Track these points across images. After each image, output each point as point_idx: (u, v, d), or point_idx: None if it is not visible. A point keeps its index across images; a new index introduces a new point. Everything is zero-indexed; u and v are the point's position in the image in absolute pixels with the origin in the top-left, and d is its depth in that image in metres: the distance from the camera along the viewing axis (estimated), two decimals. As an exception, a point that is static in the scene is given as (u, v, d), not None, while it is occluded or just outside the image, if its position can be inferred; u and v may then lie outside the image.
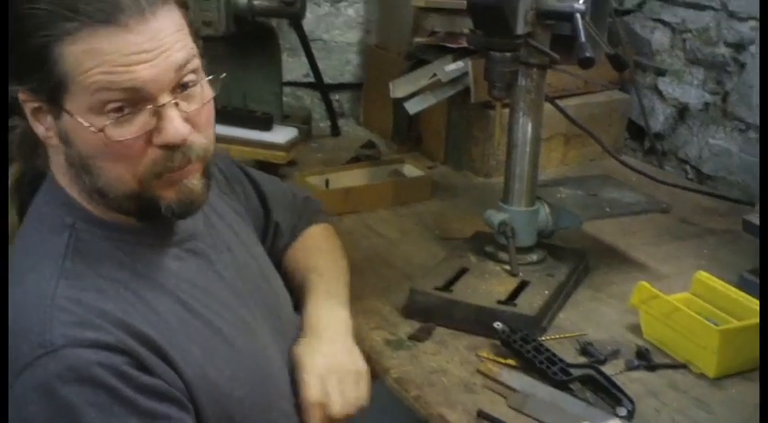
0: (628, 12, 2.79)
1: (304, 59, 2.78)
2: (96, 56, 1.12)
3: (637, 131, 2.79)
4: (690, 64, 2.60)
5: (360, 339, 1.63)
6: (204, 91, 1.25)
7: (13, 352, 1.15)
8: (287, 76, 2.92)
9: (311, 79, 2.89)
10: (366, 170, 2.43)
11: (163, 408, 1.18)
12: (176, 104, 1.19)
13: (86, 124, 1.15)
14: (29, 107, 1.20)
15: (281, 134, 2.45)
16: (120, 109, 1.15)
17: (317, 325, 1.50)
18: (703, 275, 1.70)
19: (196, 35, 1.27)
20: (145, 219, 1.27)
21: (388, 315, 1.75)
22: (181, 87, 1.20)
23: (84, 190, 1.24)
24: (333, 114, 2.90)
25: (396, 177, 2.43)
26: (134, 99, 1.15)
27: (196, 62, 1.23)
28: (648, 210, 2.00)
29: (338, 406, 1.40)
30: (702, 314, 1.59)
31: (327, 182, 2.33)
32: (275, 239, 1.67)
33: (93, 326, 1.15)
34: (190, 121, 1.21)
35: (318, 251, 1.68)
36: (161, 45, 1.16)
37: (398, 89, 2.42)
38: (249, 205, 1.62)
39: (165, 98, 1.17)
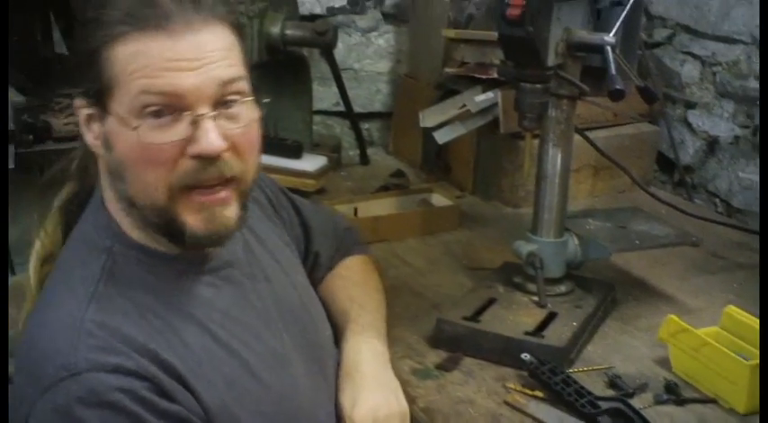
0: (658, 44, 2.79)
1: (334, 88, 2.79)
2: (141, 58, 1.16)
3: (666, 164, 2.79)
4: (720, 97, 2.60)
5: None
6: (249, 115, 1.24)
7: (39, 372, 1.16)
8: (317, 105, 2.94)
9: (341, 108, 2.91)
10: (395, 199, 2.44)
11: None
12: (215, 119, 1.19)
13: (127, 125, 1.17)
14: (83, 114, 1.24)
15: (311, 162, 2.47)
16: (158, 113, 1.17)
17: (356, 360, 1.49)
18: (733, 310, 1.69)
19: (249, 65, 1.27)
20: (173, 240, 1.25)
21: (415, 344, 1.75)
22: (223, 104, 1.21)
23: (120, 201, 1.25)
24: (362, 143, 2.91)
25: (424, 207, 2.43)
26: (173, 105, 1.17)
27: (243, 85, 1.23)
28: (678, 243, 1.99)
29: None
30: (732, 349, 1.58)
31: (356, 210, 2.34)
32: (314, 269, 1.66)
33: (117, 351, 1.16)
34: (229, 140, 1.21)
35: (357, 283, 1.67)
36: (205, 57, 1.18)
37: (428, 119, 2.43)
38: (293, 233, 1.61)
39: (204, 109, 1.18)
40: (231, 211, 1.25)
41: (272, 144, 2.46)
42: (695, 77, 2.68)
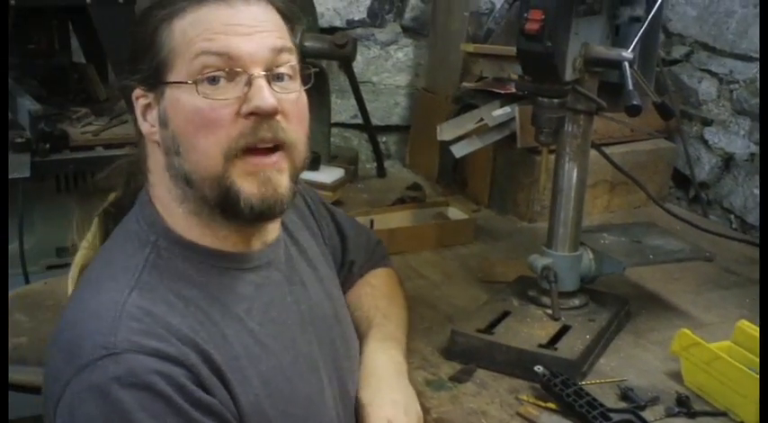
0: (675, 62, 2.80)
1: (353, 101, 2.81)
2: (199, 25, 1.23)
3: (682, 180, 2.79)
4: (736, 114, 2.60)
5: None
6: (298, 88, 1.30)
7: (77, 351, 1.17)
8: (335, 118, 2.96)
9: (359, 121, 2.93)
10: (411, 212, 2.46)
11: None
12: (267, 80, 1.24)
13: (186, 82, 1.23)
14: (141, 104, 1.29)
15: (328, 174, 2.49)
16: (214, 79, 1.23)
17: (374, 365, 1.51)
18: (745, 324, 1.70)
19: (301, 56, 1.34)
20: (228, 213, 1.27)
21: (429, 356, 1.76)
22: (275, 77, 1.26)
23: (175, 182, 1.28)
24: (379, 156, 2.93)
25: (440, 220, 2.45)
26: (229, 68, 1.23)
27: (293, 59, 1.29)
28: (692, 258, 1.99)
29: None
30: (744, 363, 1.58)
31: (372, 222, 2.35)
32: (347, 277, 1.69)
33: (158, 336, 1.18)
34: (281, 105, 1.25)
35: (384, 294, 1.70)
36: (258, 25, 1.25)
37: (445, 132, 2.45)
38: (331, 242, 1.65)
39: (257, 70, 1.23)
40: (283, 179, 1.28)
41: (289, 155, 2.48)
42: (712, 95, 2.69)
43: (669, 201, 2.74)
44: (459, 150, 2.40)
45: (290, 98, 1.27)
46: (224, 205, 1.26)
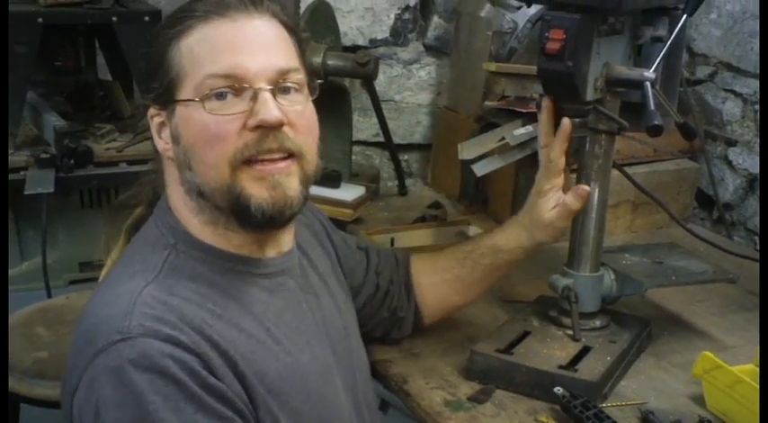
0: (699, 82, 2.79)
1: (375, 119, 2.82)
2: (205, 43, 1.27)
3: (706, 201, 2.77)
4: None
5: (419, 398, 1.65)
6: (306, 101, 1.34)
7: (94, 336, 1.20)
8: (357, 135, 2.96)
9: (381, 139, 2.93)
10: (432, 230, 2.45)
11: (227, 411, 1.21)
12: (273, 94, 1.28)
13: (193, 100, 1.27)
14: (155, 123, 1.34)
15: (349, 192, 2.48)
16: (221, 95, 1.26)
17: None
18: (769, 348, 1.68)
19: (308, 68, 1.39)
20: (241, 220, 1.31)
21: (448, 375, 1.75)
22: (281, 90, 1.30)
23: (189, 194, 1.32)
24: (401, 174, 2.93)
25: (461, 238, 2.44)
26: (235, 84, 1.26)
27: (299, 77, 1.32)
28: (715, 279, 1.97)
29: None
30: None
31: (393, 241, 2.35)
32: (385, 269, 1.78)
33: (171, 324, 1.21)
34: (287, 116, 1.29)
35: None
36: (264, 42, 1.30)
37: (466, 151, 2.44)
38: (354, 258, 1.73)
39: (262, 84, 1.27)
40: (293, 182, 1.31)
41: (310, 173, 2.48)
42: (736, 115, 2.67)
43: (693, 221, 2.72)
44: (480, 169, 2.39)
45: (296, 110, 1.31)
46: (236, 212, 1.30)
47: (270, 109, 1.26)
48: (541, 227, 1.74)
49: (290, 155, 1.30)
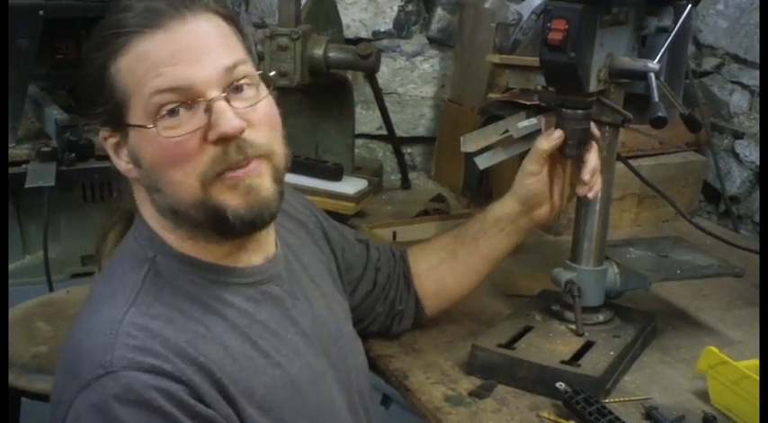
0: (706, 73, 2.76)
1: (378, 112, 2.80)
2: (145, 60, 1.20)
3: (712, 194, 2.75)
4: (768, 127, 2.56)
5: (420, 394, 1.63)
6: (260, 93, 1.28)
7: (77, 371, 1.18)
8: (361, 129, 2.94)
9: (384, 132, 2.91)
10: (434, 224, 2.43)
11: None
12: (227, 100, 1.22)
13: (145, 126, 1.20)
14: (110, 144, 1.28)
15: (351, 185, 2.47)
16: (173, 112, 1.20)
17: None
18: (775, 343, 1.66)
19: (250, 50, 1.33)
20: (221, 231, 1.28)
21: (449, 370, 1.73)
22: (234, 90, 1.24)
23: (162, 214, 1.28)
24: (404, 167, 2.91)
25: (464, 232, 2.42)
26: (185, 98, 1.20)
27: (247, 68, 1.27)
28: (721, 273, 1.95)
29: None
30: (773, 382, 1.55)
31: (395, 234, 2.33)
32: (386, 262, 1.77)
33: (154, 353, 1.18)
34: (245, 119, 1.23)
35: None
36: (204, 44, 1.22)
37: (469, 144, 2.41)
38: (354, 252, 1.71)
39: (214, 93, 1.21)
40: (264, 181, 1.27)
41: (312, 166, 2.47)
42: (744, 107, 2.65)
43: (699, 215, 2.70)
44: (483, 162, 2.37)
45: (254, 109, 1.26)
46: (215, 223, 1.26)
47: (228, 119, 1.21)
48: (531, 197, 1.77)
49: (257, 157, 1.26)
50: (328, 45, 2.41)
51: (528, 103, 2.41)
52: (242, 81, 1.25)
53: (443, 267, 1.80)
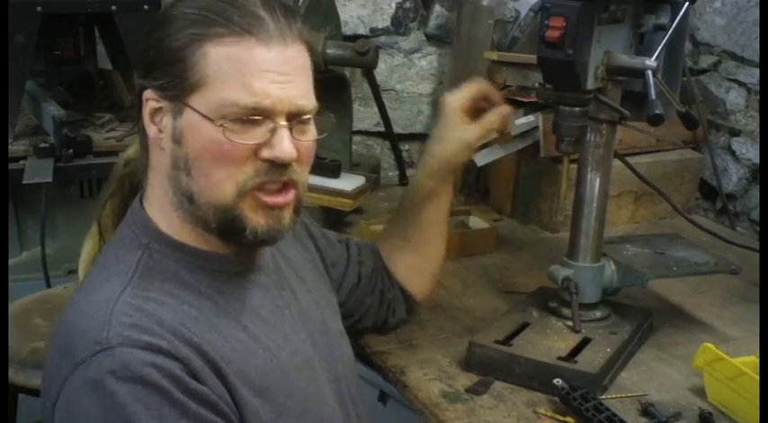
0: (703, 71, 2.77)
1: (376, 109, 2.80)
2: (237, 64, 1.23)
3: (709, 191, 2.75)
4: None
5: (417, 390, 1.64)
6: (315, 132, 1.33)
7: (72, 349, 1.19)
8: (359, 125, 2.94)
9: (382, 129, 2.91)
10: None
11: (210, 415, 1.20)
12: (290, 129, 1.26)
13: (212, 121, 1.23)
14: (149, 107, 1.30)
15: (349, 182, 2.46)
16: (240, 119, 1.24)
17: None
18: (771, 339, 1.66)
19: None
20: (224, 237, 1.31)
21: (446, 367, 1.74)
22: (298, 121, 1.28)
23: (174, 191, 1.30)
24: (401, 164, 2.91)
25: (461, 229, 2.42)
26: (256, 113, 1.24)
27: (314, 106, 1.32)
28: (717, 271, 1.95)
29: None
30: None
31: (393, 231, 2.32)
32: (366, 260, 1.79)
33: (150, 331, 1.20)
34: (298, 151, 1.28)
35: None
36: (292, 72, 1.26)
37: (467, 141, 2.42)
38: (334, 252, 1.73)
39: (282, 120, 1.25)
40: (288, 213, 1.32)
41: (310, 163, 2.47)
42: (740, 105, 2.65)
43: (695, 212, 2.71)
44: (481, 159, 2.37)
45: (308, 145, 1.31)
46: (225, 230, 1.30)
47: (286, 147, 1.25)
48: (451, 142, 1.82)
49: (292, 185, 1.31)
50: (326, 42, 2.40)
51: (526, 100, 2.41)
52: (306, 115, 1.30)
53: (405, 250, 1.82)
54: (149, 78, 1.29)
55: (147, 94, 1.30)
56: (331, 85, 2.59)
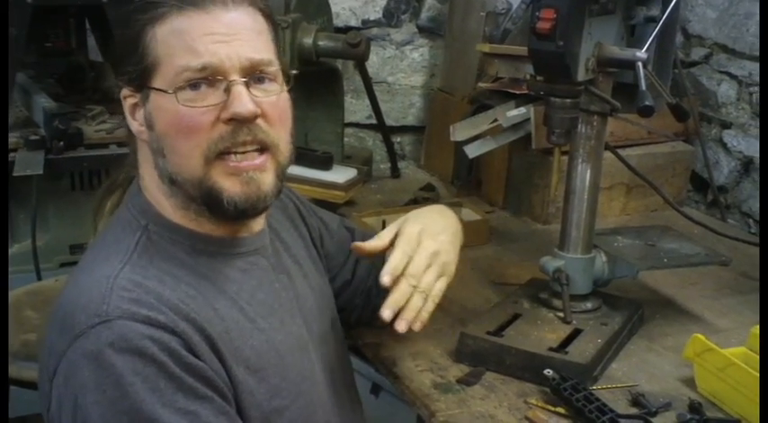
0: (695, 64, 2.77)
1: (367, 101, 2.80)
2: (181, 35, 1.26)
3: (700, 184, 2.76)
4: (756, 117, 2.57)
5: (408, 381, 1.64)
6: (279, 90, 1.33)
7: (71, 322, 1.20)
8: (351, 118, 2.94)
9: (374, 121, 2.91)
10: (424, 212, 2.43)
11: (206, 390, 1.22)
12: (246, 86, 1.27)
13: (169, 93, 1.26)
14: (128, 103, 1.33)
15: (341, 174, 2.47)
16: (195, 85, 1.26)
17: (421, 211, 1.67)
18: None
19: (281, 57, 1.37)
20: (213, 211, 1.32)
21: (438, 358, 1.74)
22: (255, 79, 1.29)
23: (162, 179, 1.32)
24: (393, 156, 2.92)
25: (454, 221, 2.42)
26: (209, 77, 1.26)
27: (273, 69, 1.32)
28: (707, 262, 1.96)
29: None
30: (758, 370, 1.55)
31: (384, 223, 2.33)
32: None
33: (149, 305, 1.21)
34: (260, 108, 1.29)
35: None
36: (237, 33, 1.28)
37: (459, 133, 2.43)
38: (337, 237, 1.72)
39: (235, 76, 1.27)
40: (266, 177, 1.32)
41: (301, 154, 2.47)
42: (732, 97, 2.66)
43: (687, 204, 2.71)
44: (472, 151, 2.38)
45: (270, 100, 1.31)
46: (208, 203, 1.31)
47: (244, 102, 1.26)
48: None
49: (264, 147, 1.31)
50: (318, 34, 2.40)
51: (517, 92, 2.43)
52: (264, 74, 1.31)
53: None
54: (120, 74, 1.33)
55: (124, 91, 1.34)
56: (323, 78, 2.60)
